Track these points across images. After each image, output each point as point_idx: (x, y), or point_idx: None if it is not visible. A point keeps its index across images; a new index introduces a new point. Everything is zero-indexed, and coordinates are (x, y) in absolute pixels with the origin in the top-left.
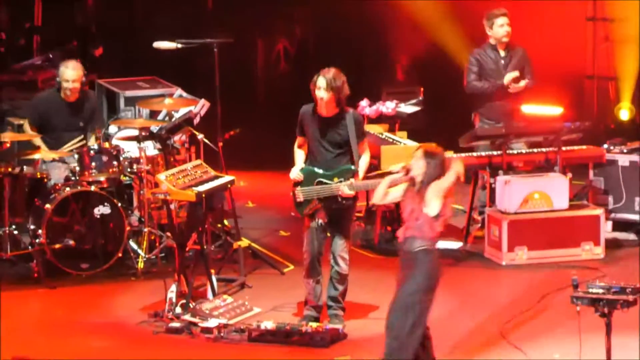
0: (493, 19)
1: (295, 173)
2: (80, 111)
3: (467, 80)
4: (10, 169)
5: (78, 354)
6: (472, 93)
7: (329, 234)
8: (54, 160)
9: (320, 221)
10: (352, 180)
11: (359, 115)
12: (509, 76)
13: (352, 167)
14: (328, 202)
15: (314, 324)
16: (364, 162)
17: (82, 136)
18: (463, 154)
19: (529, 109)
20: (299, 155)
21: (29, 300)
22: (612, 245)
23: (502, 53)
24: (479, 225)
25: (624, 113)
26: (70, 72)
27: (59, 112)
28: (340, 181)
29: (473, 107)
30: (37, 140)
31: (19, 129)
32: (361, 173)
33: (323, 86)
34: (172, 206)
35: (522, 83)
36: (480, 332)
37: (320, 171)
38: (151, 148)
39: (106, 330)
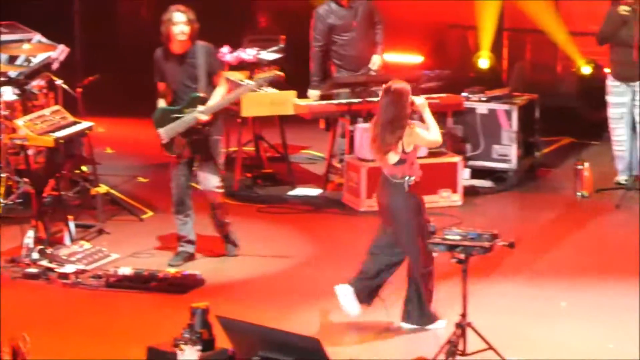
0: None
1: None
2: None
3: (314, 43)
4: None
5: None
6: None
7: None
8: None
9: (185, 157)
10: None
11: (209, 47)
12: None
13: (197, 94)
14: (190, 134)
15: (172, 270)
16: (218, 92)
17: None
18: (323, 102)
19: (391, 57)
20: (160, 104)
21: None
22: (470, 192)
23: (345, 8)
24: (340, 172)
25: (484, 62)
26: None
27: None
28: (192, 111)
29: (329, 56)
30: None
31: None
32: (213, 100)
33: (183, 21)
34: (29, 152)
35: (377, 60)
36: (339, 279)
37: (171, 107)
38: (9, 93)
39: None
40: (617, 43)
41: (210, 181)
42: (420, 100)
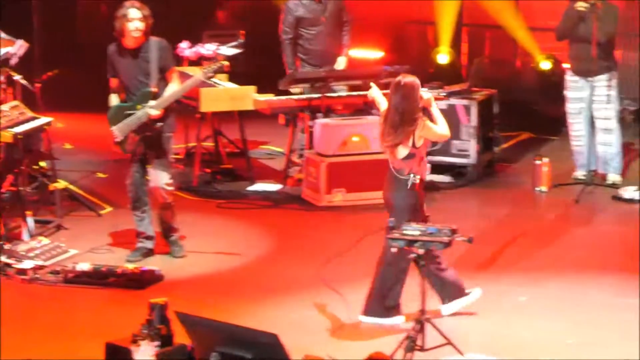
0: None
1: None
2: None
3: (283, 36)
4: None
5: None
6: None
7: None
8: None
9: (139, 154)
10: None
11: (162, 42)
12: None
13: (148, 89)
14: (142, 130)
15: (131, 266)
16: (171, 88)
17: None
18: (283, 97)
19: (351, 52)
20: (113, 100)
21: None
22: (429, 187)
23: (315, 2)
24: (300, 167)
25: (443, 57)
26: None
27: None
28: (144, 106)
29: (296, 51)
30: None
31: None
32: (166, 94)
33: (138, 17)
34: None
35: (343, 62)
36: (298, 275)
37: (124, 104)
38: None
39: None
40: (576, 39)
41: (160, 178)
42: (427, 95)
